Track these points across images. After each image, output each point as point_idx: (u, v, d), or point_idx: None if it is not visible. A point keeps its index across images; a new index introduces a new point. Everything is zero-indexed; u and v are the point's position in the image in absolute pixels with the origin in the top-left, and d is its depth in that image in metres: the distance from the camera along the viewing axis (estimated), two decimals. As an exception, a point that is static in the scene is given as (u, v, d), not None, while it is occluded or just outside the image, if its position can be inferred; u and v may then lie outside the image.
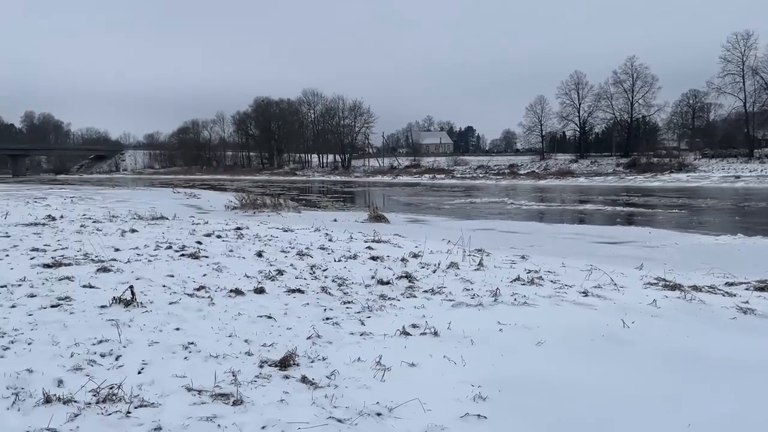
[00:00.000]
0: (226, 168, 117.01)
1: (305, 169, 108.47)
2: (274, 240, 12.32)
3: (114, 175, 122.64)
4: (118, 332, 5.43)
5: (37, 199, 28.24)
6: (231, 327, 5.78)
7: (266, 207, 24.49)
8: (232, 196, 27.61)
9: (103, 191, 43.25)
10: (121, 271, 8.25)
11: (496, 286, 7.64)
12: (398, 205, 33.01)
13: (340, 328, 5.89)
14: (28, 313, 6.03)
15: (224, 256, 9.91)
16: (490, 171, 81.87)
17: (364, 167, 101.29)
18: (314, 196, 43.14)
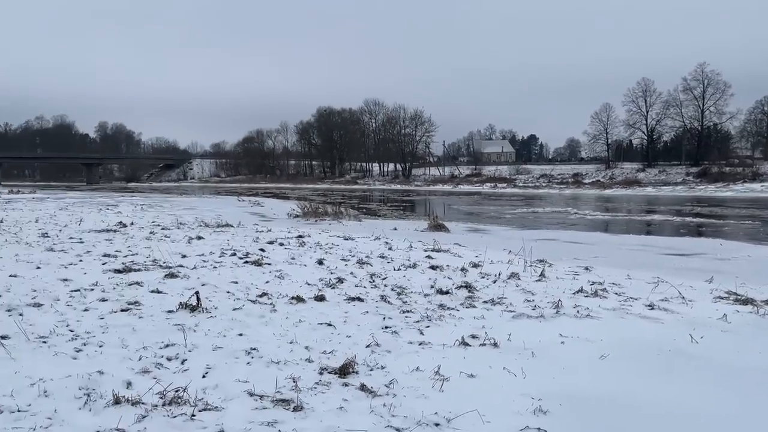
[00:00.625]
0: (289, 176, 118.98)
1: (366, 177, 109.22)
2: (334, 248, 12.45)
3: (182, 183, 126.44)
4: (183, 337, 5.60)
5: (109, 206, 29.38)
6: (292, 334, 5.87)
7: (327, 215, 24.75)
8: (295, 205, 28.05)
9: (171, 199, 44.64)
10: (187, 277, 8.50)
11: (558, 298, 7.52)
12: (458, 214, 32.83)
13: (398, 337, 5.91)
14: (99, 317, 6.28)
15: (286, 263, 10.08)
16: (553, 180, 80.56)
17: (424, 176, 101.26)
18: (375, 205, 43.39)
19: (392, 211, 34.24)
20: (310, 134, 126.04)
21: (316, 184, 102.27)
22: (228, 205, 36.64)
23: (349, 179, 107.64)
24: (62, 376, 4.53)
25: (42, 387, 4.34)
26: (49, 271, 8.68)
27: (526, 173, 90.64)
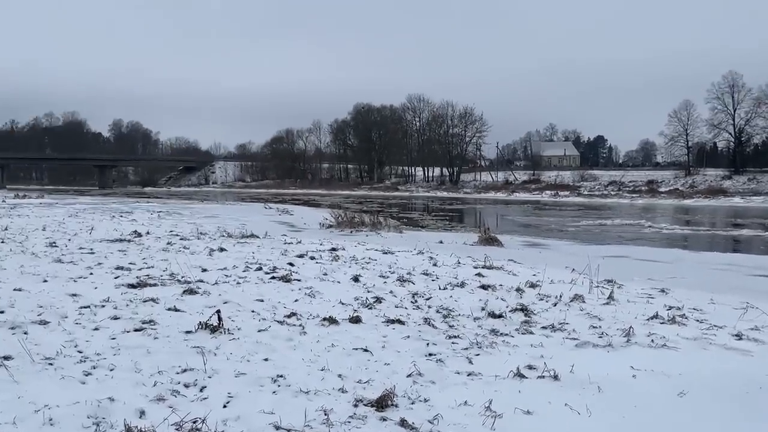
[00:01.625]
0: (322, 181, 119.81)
1: (408, 183, 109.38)
2: (372, 263, 12.49)
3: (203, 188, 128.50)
4: (203, 360, 5.67)
5: (123, 213, 30.00)
6: (323, 359, 5.90)
7: (364, 226, 24.84)
8: (328, 213, 28.20)
9: (191, 206, 45.36)
10: (207, 293, 8.63)
11: (629, 324, 7.40)
12: (514, 225, 32.61)
13: (444, 365, 5.88)
14: (110, 337, 6.41)
15: (318, 279, 10.15)
16: (623, 188, 79.51)
17: (474, 182, 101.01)
18: (417, 214, 43.42)
19: (437, 222, 34.21)
20: (346, 134, 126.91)
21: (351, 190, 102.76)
22: (253, 213, 37.06)
23: (388, 185, 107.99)
24: (69, 403, 4.63)
25: (47, 414, 4.44)
26: (57, 285, 8.90)
27: (592, 180, 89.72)
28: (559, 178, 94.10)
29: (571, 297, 9.21)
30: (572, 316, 8.06)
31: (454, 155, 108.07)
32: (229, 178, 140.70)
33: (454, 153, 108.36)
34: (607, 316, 8.07)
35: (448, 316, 7.91)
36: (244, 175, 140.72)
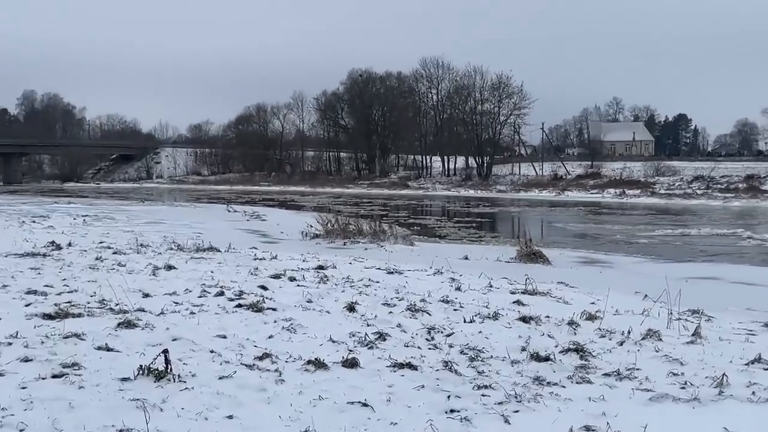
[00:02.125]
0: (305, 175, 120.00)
1: (421, 178, 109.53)
2: (373, 286, 12.49)
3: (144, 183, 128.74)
4: (145, 419, 5.66)
5: (37, 218, 30.05)
6: (307, 417, 5.90)
7: (362, 235, 24.84)
8: (313, 218, 28.23)
9: (128, 208, 45.44)
10: (151, 327, 8.64)
11: (722, 371, 7.38)
12: (565, 236, 32.57)
13: (471, 426, 5.87)
14: (20, 386, 6.40)
15: (299, 308, 10.16)
16: (714, 185, 79.31)
17: (511, 176, 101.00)
18: (434, 220, 43.41)
19: (461, 231, 34.21)
20: (338, 111, 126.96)
21: (345, 186, 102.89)
22: (213, 217, 37.12)
23: (395, 180, 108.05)
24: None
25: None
26: (-53, 315, 8.90)
27: (671, 174, 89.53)
28: (626, 171, 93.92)
29: (643, 333, 9.20)
30: (644, 358, 8.04)
31: (483, 140, 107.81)
32: (180, 171, 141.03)
33: (483, 137, 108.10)
34: (691, 360, 8.04)
35: (476, 358, 7.89)
36: (199, 166, 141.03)
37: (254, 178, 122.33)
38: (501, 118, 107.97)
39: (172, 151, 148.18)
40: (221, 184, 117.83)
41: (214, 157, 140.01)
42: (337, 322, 9.36)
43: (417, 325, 9.35)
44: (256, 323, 9.14)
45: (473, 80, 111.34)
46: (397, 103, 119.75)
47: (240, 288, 11.59)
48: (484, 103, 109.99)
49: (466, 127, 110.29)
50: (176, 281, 12.20)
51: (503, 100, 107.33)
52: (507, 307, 10.82)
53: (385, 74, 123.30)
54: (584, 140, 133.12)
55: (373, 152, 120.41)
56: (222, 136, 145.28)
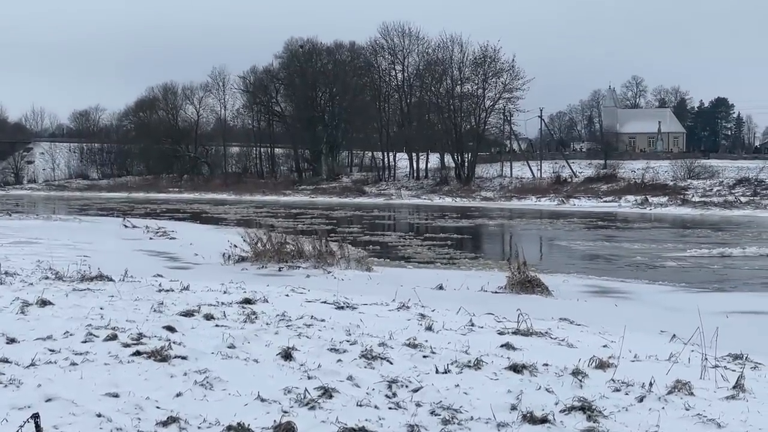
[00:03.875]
0: (229, 179, 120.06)
1: (383, 182, 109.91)
2: (316, 326, 12.44)
3: (12, 190, 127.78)
4: None
5: None
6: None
7: (304, 258, 24.80)
8: (238, 236, 28.09)
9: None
10: (17, 383, 8.49)
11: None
12: (570, 257, 32.69)
13: None
14: None
15: (218, 356, 10.07)
16: (763, 190, 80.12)
17: (500, 180, 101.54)
18: (399, 237, 43.38)
19: (434, 251, 34.22)
20: (271, 93, 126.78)
21: (281, 193, 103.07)
22: (104, 235, 36.87)
23: (348, 185, 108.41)
24: None
25: None
26: None
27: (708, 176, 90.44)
28: (649, 172, 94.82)
29: (670, 386, 9.23)
30: (671, 419, 8.07)
31: (463, 132, 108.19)
32: (61, 173, 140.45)
33: (463, 128, 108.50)
34: (732, 421, 8.07)
35: (451, 420, 7.86)
36: (86, 167, 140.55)
37: (160, 182, 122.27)
38: (487, 102, 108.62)
39: (49, 147, 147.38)
40: (116, 191, 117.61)
41: (107, 155, 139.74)
42: (268, 375, 9.27)
43: (374, 378, 9.28)
44: (160, 377, 9.00)
45: (450, 53, 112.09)
46: (351, 83, 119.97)
47: (139, 330, 11.40)
48: (464, 84, 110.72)
49: (440, 115, 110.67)
50: (53, 321, 12.00)
51: (489, 80, 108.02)
52: (493, 352, 10.78)
53: (333, 45, 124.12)
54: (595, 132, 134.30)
55: (318, 148, 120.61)
56: (117, 127, 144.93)
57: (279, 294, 16.36)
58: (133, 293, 15.56)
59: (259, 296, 15.38)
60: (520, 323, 12.79)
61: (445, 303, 15.98)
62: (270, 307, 14.20)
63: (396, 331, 12.03)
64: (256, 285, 18.17)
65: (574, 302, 18.10)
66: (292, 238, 27.82)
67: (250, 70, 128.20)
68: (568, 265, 29.06)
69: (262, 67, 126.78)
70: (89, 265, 20.50)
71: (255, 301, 14.78)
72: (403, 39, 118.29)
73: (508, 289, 19.50)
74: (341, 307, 14.69)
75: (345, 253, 26.00)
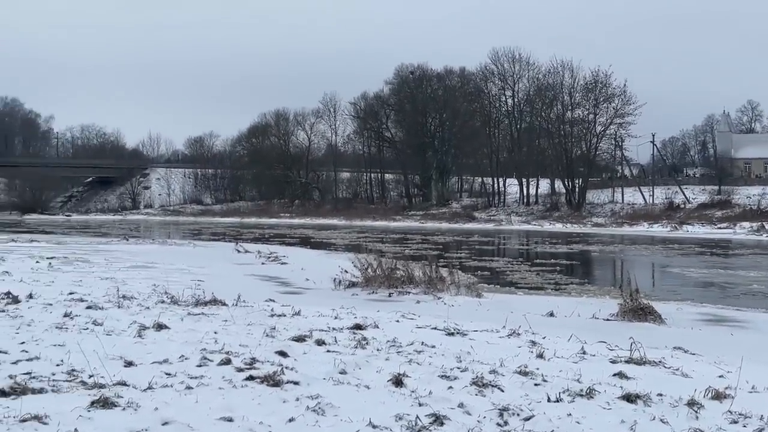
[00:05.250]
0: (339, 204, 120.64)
1: (492, 207, 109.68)
2: (427, 352, 12.41)
3: (129, 215, 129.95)
4: None
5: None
6: None
7: (414, 284, 24.76)
8: (348, 261, 28.21)
9: (107, 247, 45.81)
10: (134, 406, 8.59)
11: None
12: (683, 285, 32.21)
13: None
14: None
15: (330, 381, 10.09)
16: None
17: (612, 205, 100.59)
18: (508, 263, 43.17)
19: (543, 277, 33.99)
20: (382, 119, 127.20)
21: (391, 219, 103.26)
22: (218, 260, 37.30)
23: (458, 210, 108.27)
24: None
25: None
26: None
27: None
28: (765, 198, 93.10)
29: (795, 421, 9.04)
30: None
31: (574, 157, 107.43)
32: (175, 198, 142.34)
33: (574, 153, 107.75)
34: None
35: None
36: (200, 192, 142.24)
37: (272, 207, 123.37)
38: (598, 128, 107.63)
39: (165, 173, 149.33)
40: (229, 216, 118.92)
41: (220, 181, 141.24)
42: (379, 401, 9.26)
43: (485, 405, 9.22)
44: (273, 402, 9.04)
45: (560, 79, 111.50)
46: (461, 108, 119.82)
47: (252, 354, 11.50)
48: (575, 109, 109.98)
49: (551, 140, 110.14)
50: (169, 345, 12.16)
51: (600, 105, 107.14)
52: (605, 381, 10.66)
53: (443, 71, 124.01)
54: (709, 157, 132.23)
55: (428, 173, 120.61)
56: (230, 153, 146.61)
57: (389, 320, 16.37)
58: (246, 318, 15.71)
59: (369, 322, 15.40)
60: (633, 352, 12.62)
61: (555, 330, 15.85)
62: (380, 333, 14.22)
63: (507, 359, 11.95)
64: (367, 310, 18.20)
65: (688, 331, 17.84)
66: (402, 263, 27.85)
67: (361, 96, 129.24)
68: (681, 292, 28.61)
69: (372, 93, 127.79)
70: (203, 289, 20.73)
71: (366, 327, 14.80)
72: (514, 65, 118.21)
73: (620, 317, 19.28)
74: (451, 333, 14.65)
75: (455, 279, 25.93)
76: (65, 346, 11.75)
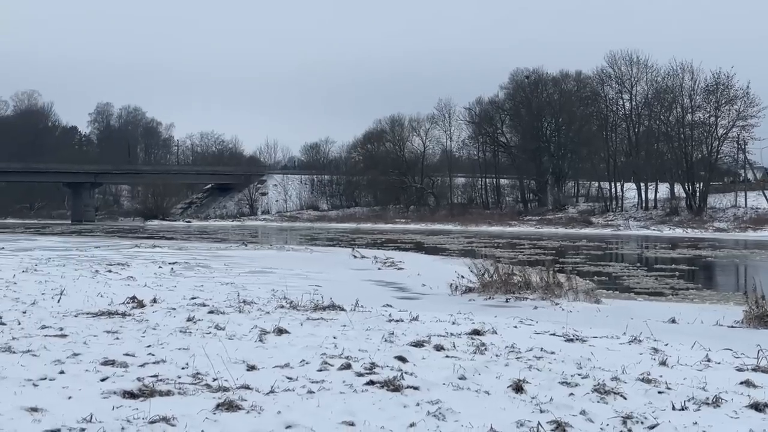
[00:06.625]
0: (454, 209, 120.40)
1: (610, 212, 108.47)
2: (546, 358, 12.36)
3: (247, 221, 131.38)
4: None
5: (113, 266, 30.93)
6: None
7: (531, 289, 24.60)
8: (465, 267, 28.11)
9: (227, 253, 46.39)
10: (258, 409, 8.73)
11: None
12: (810, 291, 31.54)
13: None
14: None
15: (449, 387, 10.10)
16: None
17: (734, 210, 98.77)
18: (626, 268, 42.65)
19: (664, 283, 33.54)
20: (497, 124, 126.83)
21: (507, 224, 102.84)
22: (334, 265, 37.48)
23: (574, 215, 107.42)
24: None
25: None
26: (5, 393, 9.21)
27: None
28: None
29: None
30: None
31: (695, 161, 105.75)
32: (292, 204, 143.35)
33: (694, 157, 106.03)
34: None
35: (690, 459, 7.72)
36: (316, 198, 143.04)
37: (387, 213, 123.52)
38: (719, 131, 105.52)
39: (281, 180, 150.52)
40: (344, 221, 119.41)
41: (336, 187, 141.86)
42: (499, 407, 9.24)
43: (608, 413, 9.15)
44: (393, 407, 9.09)
45: (680, 81, 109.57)
46: (577, 112, 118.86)
47: (371, 359, 11.57)
48: (695, 112, 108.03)
49: (670, 144, 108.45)
50: (289, 349, 12.30)
51: (722, 107, 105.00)
52: (732, 389, 10.48)
53: (559, 75, 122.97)
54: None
55: (543, 178, 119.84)
56: (346, 159, 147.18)
57: (507, 325, 16.31)
58: (364, 323, 15.79)
59: (487, 327, 15.36)
60: (761, 359, 12.40)
61: (678, 337, 15.64)
62: (499, 339, 14.19)
63: (628, 366, 11.84)
64: (484, 316, 18.17)
65: (817, 338, 17.49)
66: (518, 269, 27.70)
67: (476, 101, 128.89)
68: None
69: (487, 98, 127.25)
70: (321, 294, 20.87)
71: (484, 332, 14.78)
72: (631, 67, 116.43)
73: (745, 324, 18.89)
74: (570, 339, 14.57)
75: (573, 285, 25.69)
76: (189, 350, 11.98)
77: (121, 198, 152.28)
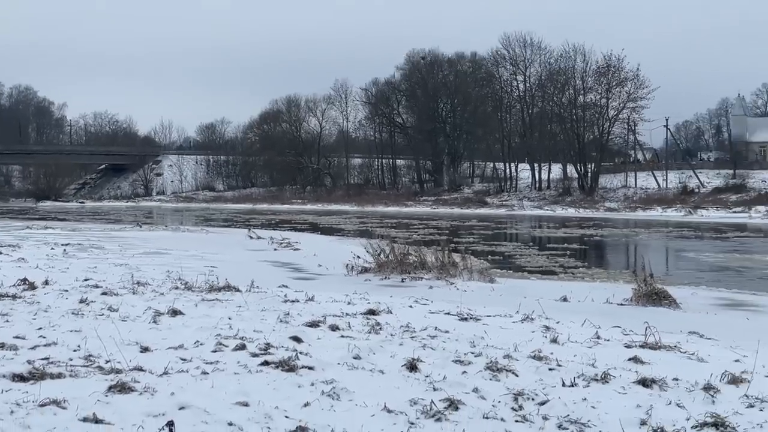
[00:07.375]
0: (351, 190, 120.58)
1: (504, 192, 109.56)
2: (440, 337, 12.44)
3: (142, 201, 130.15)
4: None
5: (3, 247, 30.37)
6: None
7: (426, 269, 24.74)
8: (361, 247, 28.18)
9: (121, 234, 45.92)
10: (151, 391, 8.65)
11: None
12: (698, 269, 32.14)
13: None
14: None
15: (344, 366, 10.13)
16: None
17: (625, 190, 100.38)
18: (520, 248, 43.11)
19: (556, 262, 33.96)
20: (393, 105, 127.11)
21: (403, 204, 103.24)
22: (230, 246, 37.35)
23: (470, 195, 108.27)
24: None
25: None
26: None
27: None
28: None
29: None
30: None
31: (586, 142, 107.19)
32: (188, 185, 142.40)
33: (586, 138, 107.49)
34: None
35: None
36: (212, 179, 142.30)
37: (284, 193, 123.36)
38: (610, 112, 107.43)
39: (177, 160, 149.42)
40: (241, 202, 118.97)
41: (232, 168, 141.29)
42: (393, 386, 9.29)
43: (500, 390, 9.24)
44: (288, 386, 9.08)
45: (572, 63, 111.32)
46: (472, 93, 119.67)
47: (266, 340, 11.54)
48: (587, 93, 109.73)
49: (563, 125, 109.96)
50: (184, 331, 12.23)
51: (613, 89, 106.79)
52: (620, 365, 10.66)
53: (455, 56, 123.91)
54: (723, 141, 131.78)
55: (439, 159, 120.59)
56: (242, 139, 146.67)
57: (402, 305, 16.39)
58: (260, 304, 15.76)
59: (383, 307, 15.42)
60: (648, 336, 12.61)
61: (569, 315, 15.86)
62: (394, 318, 14.25)
63: (520, 343, 11.97)
64: (380, 296, 18.24)
65: (704, 315, 17.81)
66: (414, 249, 27.82)
67: (372, 82, 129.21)
68: (696, 277, 28.57)
69: (383, 79, 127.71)
70: (216, 275, 20.79)
71: (379, 312, 14.83)
72: (525, 49, 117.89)
73: (634, 302, 19.21)
74: (465, 318, 14.68)
75: (468, 264, 25.88)
76: (82, 332, 11.85)
77: (12, 179, 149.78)
